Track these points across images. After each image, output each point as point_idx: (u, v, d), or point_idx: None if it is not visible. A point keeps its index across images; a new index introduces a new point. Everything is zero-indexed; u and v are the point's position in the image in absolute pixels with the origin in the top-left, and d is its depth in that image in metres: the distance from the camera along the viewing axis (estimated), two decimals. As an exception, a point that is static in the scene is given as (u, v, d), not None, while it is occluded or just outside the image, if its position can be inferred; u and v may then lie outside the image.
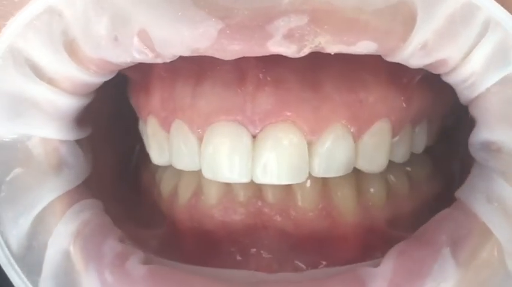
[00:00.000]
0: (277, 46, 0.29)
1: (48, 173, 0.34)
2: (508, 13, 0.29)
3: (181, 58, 0.31)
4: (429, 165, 0.46)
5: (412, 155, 0.43)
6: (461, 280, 0.30)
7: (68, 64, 0.31)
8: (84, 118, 0.37)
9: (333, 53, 0.30)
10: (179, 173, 0.43)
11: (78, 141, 0.37)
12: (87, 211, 0.35)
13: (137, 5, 0.28)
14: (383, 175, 0.41)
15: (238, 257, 0.39)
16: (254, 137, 0.36)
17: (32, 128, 0.33)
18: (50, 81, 0.32)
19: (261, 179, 0.36)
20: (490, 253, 0.31)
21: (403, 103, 0.38)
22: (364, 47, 0.29)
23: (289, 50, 0.29)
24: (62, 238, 0.33)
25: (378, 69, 0.37)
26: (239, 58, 0.30)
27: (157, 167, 0.46)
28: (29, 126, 0.32)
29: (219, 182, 0.39)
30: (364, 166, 0.37)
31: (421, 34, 0.29)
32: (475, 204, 0.32)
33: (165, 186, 0.44)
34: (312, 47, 0.29)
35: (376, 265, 0.32)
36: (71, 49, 0.30)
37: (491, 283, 0.31)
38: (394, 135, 0.38)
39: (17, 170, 0.33)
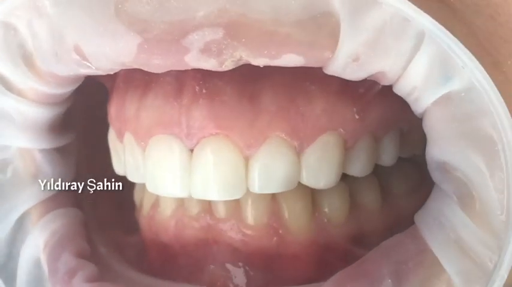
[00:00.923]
0: (195, 61, 0.28)
1: (25, 182, 0.36)
2: (439, 26, 0.26)
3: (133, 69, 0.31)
4: (412, 177, 0.43)
5: (391, 165, 0.41)
6: None
7: (28, 77, 0.32)
8: (64, 125, 0.38)
9: (261, 66, 0.29)
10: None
11: (59, 148, 0.38)
12: (59, 221, 0.37)
13: (68, 20, 0.29)
14: (345, 189, 0.39)
15: (193, 272, 0.39)
16: (192, 150, 0.35)
17: (6, 139, 0.34)
18: (19, 92, 0.33)
19: (198, 194, 0.35)
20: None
21: (356, 115, 0.36)
22: (289, 60, 0.28)
23: (209, 64, 0.28)
24: (33, 246, 0.35)
25: (327, 80, 0.35)
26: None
27: None
28: (3, 138, 0.34)
29: None
30: (310, 181, 0.35)
31: (348, 46, 0.27)
32: (426, 231, 0.30)
33: (137, 195, 0.45)
34: (234, 60, 0.28)
35: None
36: (29, 63, 0.31)
37: None
38: (348, 147, 0.36)
39: None
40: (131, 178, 0.39)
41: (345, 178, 0.38)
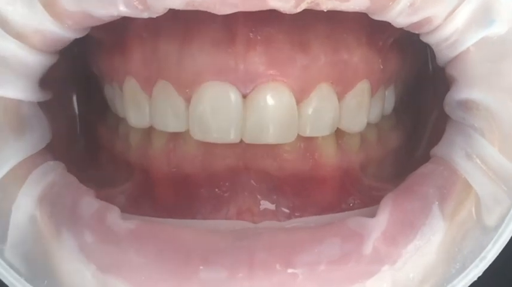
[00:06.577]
0: (277, 1, 0.29)
1: (9, 137, 0.32)
2: None
3: (163, 18, 0.30)
4: (392, 119, 0.47)
5: None
6: (447, 234, 0.32)
7: (41, 17, 0.30)
8: (45, 80, 0.35)
9: (325, 10, 0.30)
10: None
11: (41, 103, 0.35)
12: (51, 173, 0.34)
13: None
14: None
15: (218, 202, 0.38)
16: (244, 97, 0.36)
17: None
18: (18, 36, 0.30)
19: (253, 138, 0.36)
20: (470, 208, 0.33)
21: (381, 65, 0.39)
22: (356, 3, 0.29)
23: (287, 5, 0.29)
24: (27, 202, 0.32)
25: (359, 32, 0.38)
26: (226, 17, 0.30)
27: (118, 120, 0.45)
28: None
29: None
30: (347, 126, 0.39)
31: None
32: (455, 160, 0.33)
33: (135, 134, 0.42)
34: (308, 2, 0.29)
35: (364, 214, 0.32)
36: (47, 1, 0.29)
37: (470, 236, 0.32)
38: (371, 96, 0.40)
39: None
40: (162, 127, 0.38)
41: None
